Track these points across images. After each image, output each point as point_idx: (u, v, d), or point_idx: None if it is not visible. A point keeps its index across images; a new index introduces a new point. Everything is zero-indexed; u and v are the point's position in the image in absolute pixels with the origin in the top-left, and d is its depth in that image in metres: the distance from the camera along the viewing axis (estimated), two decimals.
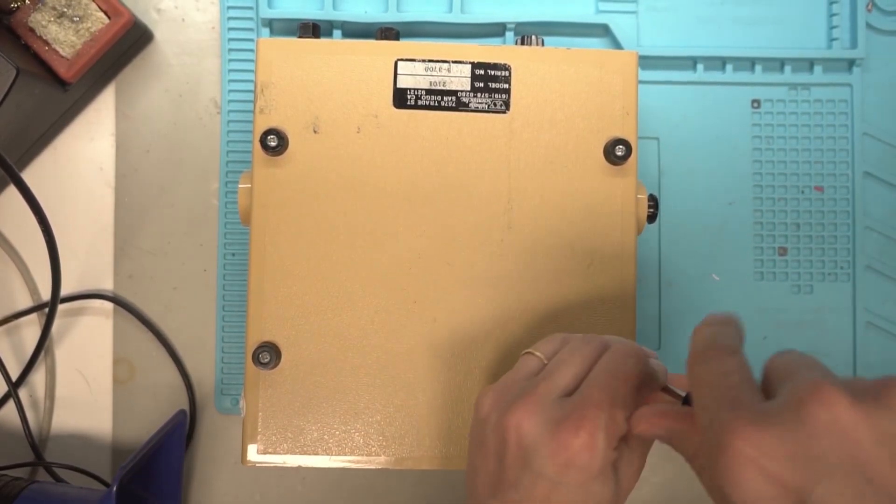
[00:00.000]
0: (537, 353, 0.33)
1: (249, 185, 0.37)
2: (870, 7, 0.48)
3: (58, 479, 0.47)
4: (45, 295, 0.48)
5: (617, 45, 0.48)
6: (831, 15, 0.48)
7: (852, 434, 0.21)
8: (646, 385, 0.31)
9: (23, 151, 0.47)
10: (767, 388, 0.26)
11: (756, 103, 0.48)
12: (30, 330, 0.49)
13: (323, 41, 0.38)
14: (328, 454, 0.37)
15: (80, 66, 0.43)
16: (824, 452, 0.21)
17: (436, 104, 0.37)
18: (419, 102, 0.37)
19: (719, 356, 0.26)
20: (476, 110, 0.37)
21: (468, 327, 0.37)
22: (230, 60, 0.47)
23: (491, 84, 0.37)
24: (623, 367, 0.30)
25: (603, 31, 0.48)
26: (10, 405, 0.47)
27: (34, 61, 0.43)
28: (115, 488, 0.38)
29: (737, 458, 0.22)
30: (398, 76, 0.37)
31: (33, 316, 0.48)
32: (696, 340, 0.28)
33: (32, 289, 0.48)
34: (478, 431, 0.32)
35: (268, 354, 0.35)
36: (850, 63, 0.48)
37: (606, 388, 0.29)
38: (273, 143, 0.36)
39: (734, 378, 0.25)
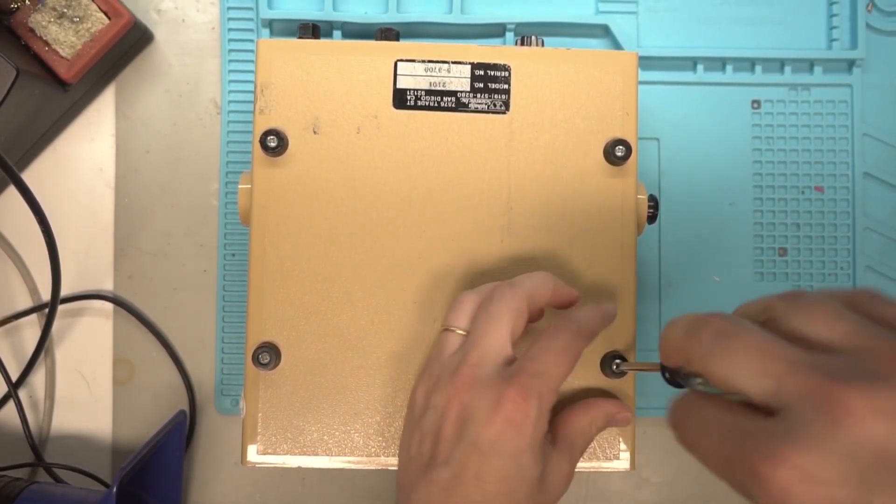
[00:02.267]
0: (453, 328, 0.33)
1: (249, 186, 0.37)
2: (870, 7, 0.48)
3: (58, 480, 0.47)
4: (45, 295, 0.48)
5: (617, 46, 0.48)
6: (831, 15, 0.48)
7: (888, 437, 0.19)
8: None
9: (23, 152, 0.47)
10: (685, 371, 0.25)
11: (756, 104, 0.48)
12: (30, 330, 0.49)
13: (323, 42, 0.38)
14: (328, 454, 0.37)
15: (80, 67, 0.43)
16: (869, 463, 0.19)
17: (435, 105, 0.37)
18: (419, 103, 0.37)
19: (694, 408, 0.25)
20: (476, 111, 0.37)
21: None
22: (230, 61, 0.47)
23: (491, 84, 0.37)
24: (562, 339, 0.31)
25: (603, 31, 0.48)
26: (10, 406, 0.47)
27: (34, 62, 0.43)
28: (114, 489, 0.38)
29: (783, 488, 0.20)
30: (398, 77, 0.37)
31: (33, 316, 0.48)
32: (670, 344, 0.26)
33: (32, 289, 0.48)
34: (413, 419, 0.33)
35: (268, 355, 0.35)
36: (850, 63, 0.48)
37: (548, 362, 0.30)
38: (273, 144, 0.36)
39: (730, 418, 0.23)
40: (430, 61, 0.37)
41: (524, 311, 0.32)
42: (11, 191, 0.48)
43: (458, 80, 0.37)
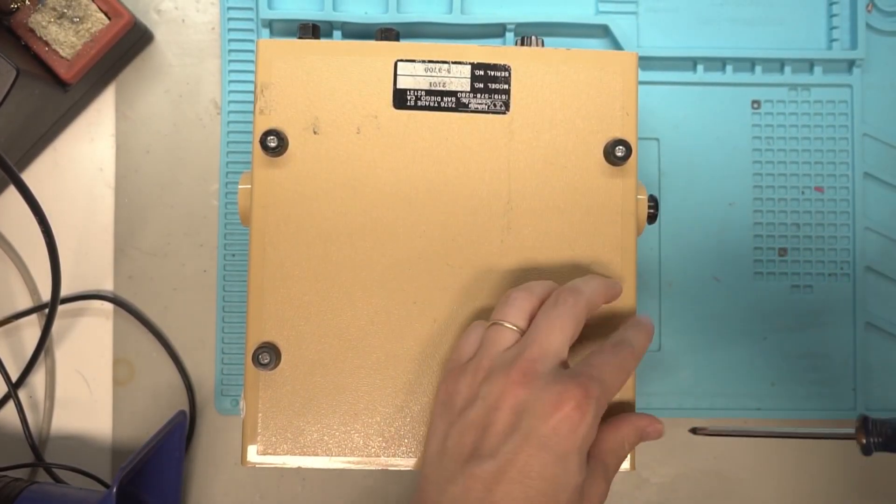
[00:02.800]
0: (507, 324, 0.32)
1: (249, 186, 0.37)
2: (870, 8, 0.48)
3: (57, 480, 0.47)
4: (45, 295, 0.48)
5: (617, 46, 0.48)
6: (831, 16, 0.48)
7: None
8: None
9: (23, 152, 0.47)
10: None
11: (756, 104, 0.48)
12: (30, 331, 0.49)
13: (323, 42, 0.38)
14: (328, 455, 0.37)
15: (80, 67, 0.43)
16: None
17: (435, 105, 0.37)
18: (419, 103, 0.37)
19: None
20: (476, 111, 0.37)
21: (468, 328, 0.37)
22: (230, 61, 0.47)
23: (491, 85, 0.37)
24: (618, 358, 0.31)
25: (603, 31, 0.48)
26: (10, 406, 0.47)
27: (34, 62, 0.43)
28: (114, 489, 0.38)
29: None
30: (398, 77, 0.37)
31: (33, 317, 0.48)
32: None
33: (32, 289, 0.48)
34: (448, 415, 0.32)
35: (268, 355, 0.35)
36: (850, 64, 0.48)
37: (608, 373, 0.30)
38: (273, 144, 0.36)
39: None
40: (430, 61, 0.37)
41: (583, 320, 0.32)
42: (11, 191, 0.48)
43: (459, 80, 0.37)
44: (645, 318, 0.34)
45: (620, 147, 0.36)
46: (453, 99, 0.37)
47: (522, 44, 0.38)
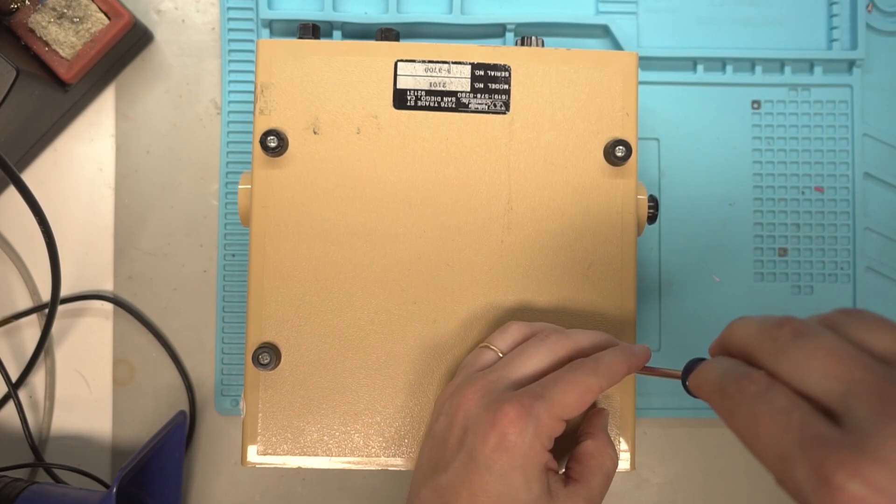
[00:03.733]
0: (493, 347, 0.34)
1: (249, 186, 0.37)
2: (870, 8, 0.48)
3: (57, 481, 0.47)
4: (45, 296, 0.48)
5: (617, 46, 0.48)
6: (831, 16, 0.48)
7: None
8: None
9: (23, 152, 0.47)
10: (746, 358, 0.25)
11: (756, 104, 0.48)
12: (30, 331, 0.49)
13: (323, 42, 0.38)
14: (328, 455, 0.37)
15: (80, 67, 0.43)
16: None
17: (436, 105, 0.37)
18: (419, 103, 0.37)
19: (762, 392, 0.23)
20: (476, 111, 0.37)
21: (468, 328, 0.37)
22: (230, 61, 0.47)
23: (491, 85, 0.37)
24: (579, 374, 0.30)
25: (603, 31, 0.48)
26: (10, 406, 0.47)
27: (34, 62, 0.43)
28: (114, 489, 0.38)
29: (854, 499, 0.19)
30: (398, 77, 0.37)
31: (33, 317, 0.48)
32: (712, 379, 0.26)
33: (32, 289, 0.48)
34: (431, 423, 0.33)
35: (268, 355, 0.35)
36: (850, 64, 0.48)
37: (555, 384, 0.30)
38: (273, 144, 0.36)
39: (799, 413, 0.22)
40: (430, 61, 0.37)
41: (562, 359, 0.32)
42: (11, 191, 0.48)
43: (459, 80, 0.37)
44: (635, 346, 0.33)
45: (620, 147, 0.36)
46: (453, 99, 0.37)
47: (522, 44, 0.39)
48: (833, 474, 0.20)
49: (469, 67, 0.37)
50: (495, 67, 0.37)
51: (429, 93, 0.37)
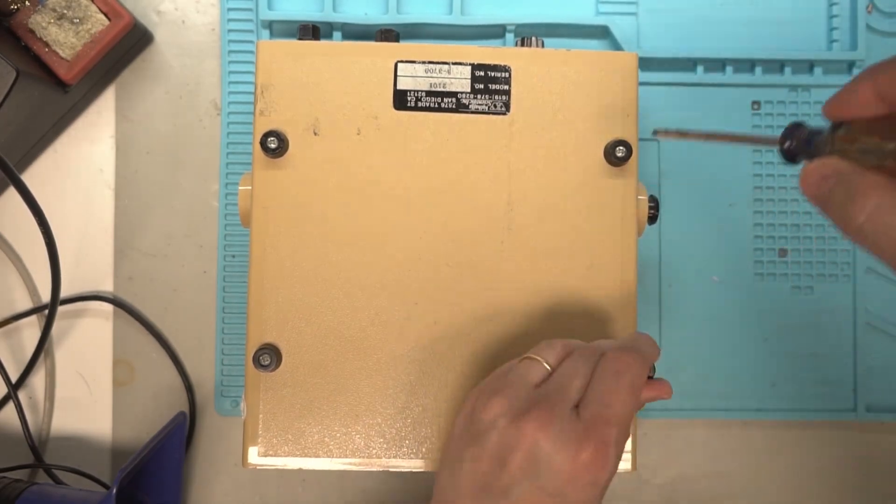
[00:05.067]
0: (541, 360, 0.32)
1: (249, 187, 0.37)
2: (870, 9, 0.48)
3: (57, 482, 0.47)
4: (45, 296, 0.48)
5: (617, 47, 0.48)
6: (831, 16, 0.48)
7: None
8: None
9: (23, 153, 0.47)
10: None
11: (756, 105, 0.48)
12: (29, 332, 0.49)
13: (323, 43, 0.38)
14: (329, 456, 0.37)
15: (80, 68, 0.43)
16: None
17: (436, 106, 0.37)
18: (419, 104, 0.37)
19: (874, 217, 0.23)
20: (476, 112, 0.37)
21: (469, 329, 0.37)
22: (230, 62, 0.47)
23: (491, 86, 0.37)
24: (635, 379, 0.31)
25: (603, 32, 0.48)
26: (10, 407, 0.47)
27: (34, 63, 0.43)
28: (114, 490, 0.38)
29: None
30: (398, 78, 0.37)
31: (33, 318, 0.48)
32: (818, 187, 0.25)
33: (32, 290, 0.48)
34: (475, 430, 0.31)
35: (268, 356, 0.35)
36: (850, 65, 0.48)
37: (618, 406, 0.30)
38: (273, 145, 0.36)
39: None
40: (430, 62, 0.37)
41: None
42: (11, 192, 0.48)
43: (459, 81, 0.37)
44: (640, 335, 0.33)
45: (621, 147, 0.36)
46: (453, 100, 0.37)
47: (522, 44, 0.39)
48: None
49: (469, 68, 0.37)
50: (495, 68, 0.37)
51: (429, 93, 0.37)
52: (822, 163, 0.25)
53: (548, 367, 0.32)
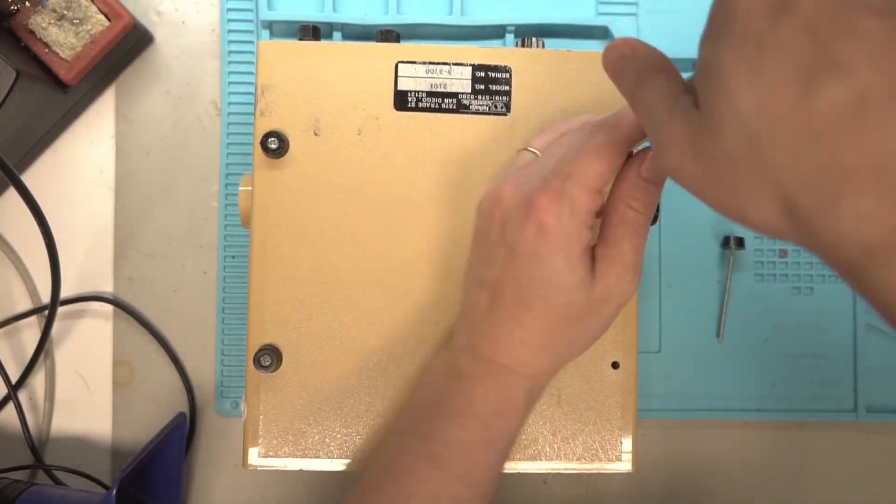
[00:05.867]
0: (531, 148, 0.33)
1: (250, 188, 0.37)
2: None
3: (57, 482, 0.47)
4: (45, 297, 0.48)
5: None
6: None
7: None
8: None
9: (23, 154, 0.47)
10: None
11: None
12: (29, 332, 0.49)
13: (323, 43, 0.38)
14: (329, 457, 0.36)
15: (80, 69, 0.43)
16: None
17: (436, 106, 0.37)
18: (420, 105, 0.37)
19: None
20: (477, 112, 0.37)
21: None
22: (230, 63, 0.47)
23: (491, 86, 0.37)
24: (601, 140, 0.29)
25: (603, 33, 0.48)
26: (10, 408, 0.47)
27: (34, 63, 0.43)
28: (114, 491, 0.38)
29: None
30: (399, 78, 0.37)
31: (33, 318, 0.48)
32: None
33: (32, 291, 0.48)
34: (477, 223, 0.33)
35: (269, 357, 0.35)
36: None
37: (581, 158, 0.29)
38: (274, 146, 0.36)
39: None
40: (430, 63, 0.37)
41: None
42: (11, 192, 0.48)
43: (459, 81, 0.37)
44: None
45: None
46: (454, 100, 0.37)
47: (523, 45, 0.39)
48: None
49: (470, 69, 0.37)
50: (496, 69, 0.37)
51: (429, 94, 0.37)
52: (625, 42, 0.27)
53: (536, 152, 0.33)
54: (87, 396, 0.48)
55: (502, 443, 0.32)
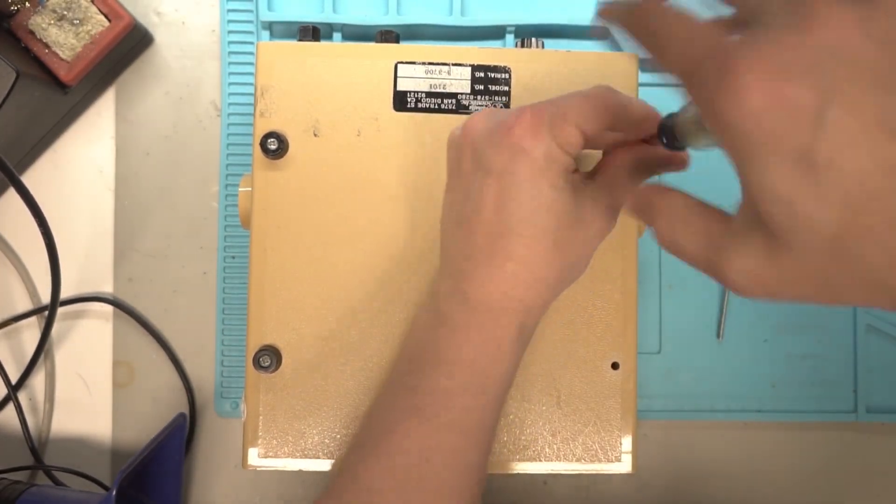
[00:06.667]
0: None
1: (250, 189, 0.37)
2: None
3: (57, 483, 0.47)
4: (45, 298, 0.48)
5: (617, 48, 0.48)
6: None
7: (859, 45, 0.18)
8: (617, 118, 0.30)
9: (23, 154, 0.47)
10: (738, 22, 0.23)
11: None
12: (29, 333, 0.49)
13: (323, 44, 0.38)
14: (329, 458, 0.36)
15: (80, 69, 0.43)
16: (833, 67, 0.18)
17: (436, 107, 0.37)
18: (419, 105, 0.37)
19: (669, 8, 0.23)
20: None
21: None
22: (230, 63, 0.47)
23: (491, 87, 0.37)
24: (592, 89, 0.29)
25: (603, 33, 0.48)
26: (10, 408, 0.47)
27: (34, 64, 0.43)
28: (114, 492, 0.38)
29: (740, 86, 0.18)
30: (398, 79, 0.37)
31: (33, 319, 0.48)
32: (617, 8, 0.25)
33: (32, 292, 0.48)
34: (447, 161, 0.33)
35: (268, 358, 0.35)
36: None
37: (564, 97, 0.29)
38: (273, 147, 0.36)
39: (701, 24, 0.22)
40: (430, 63, 0.37)
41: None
42: (11, 193, 0.48)
43: (459, 82, 0.37)
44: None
45: None
46: (454, 101, 0.37)
47: (522, 46, 0.39)
48: (735, 64, 0.19)
49: (469, 69, 0.37)
50: (495, 69, 0.37)
51: (429, 95, 0.37)
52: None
53: None
54: (87, 397, 0.48)
55: (497, 386, 0.31)
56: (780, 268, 0.20)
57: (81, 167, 0.49)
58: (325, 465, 0.36)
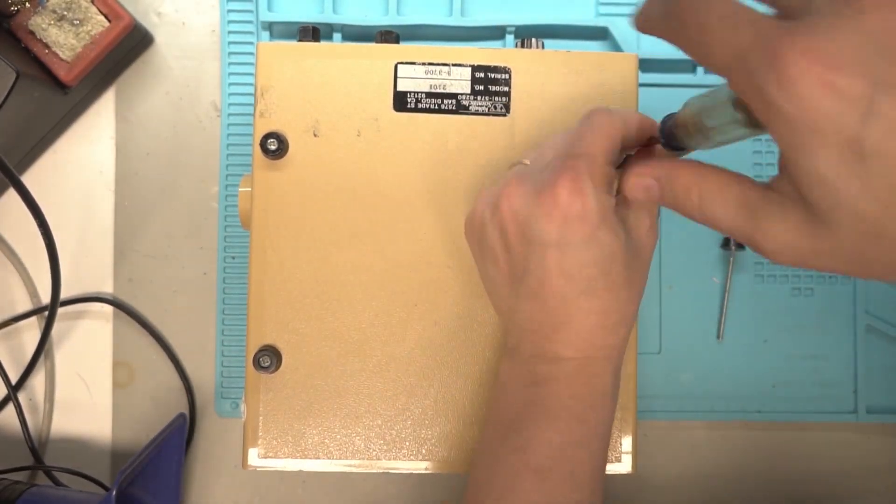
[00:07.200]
0: (524, 161, 0.32)
1: (249, 189, 0.37)
2: None
3: (57, 483, 0.47)
4: (45, 298, 0.48)
5: (617, 48, 0.48)
6: None
7: None
8: (634, 137, 0.31)
9: (23, 154, 0.47)
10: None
11: None
12: (29, 333, 0.49)
13: (323, 44, 0.38)
14: (329, 458, 0.36)
15: (80, 70, 0.43)
16: (883, 56, 0.18)
17: (436, 107, 0.37)
18: (419, 105, 0.37)
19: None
20: (476, 113, 0.37)
21: (469, 330, 0.37)
22: (230, 64, 0.47)
23: (491, 87, 0.37)
24: (595, 120, 0.30)
25: (603, 33, 0.48)
26: (10, 409, 0.47)
27: (34, 64, 0.43)
28: (114, 492, 0.38)
29: (791, 74, 0.19)
30: (398, 79, 0.37)
31: (33, 319, 0.48)
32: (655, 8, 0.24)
33: (32, 292, 0.48)
34: (478, 240, 0.32)
35: (268, 358, 0.35)
36: None
37: (581, 140, 0.29)
38: (273, 147, 0.36)
39: (744, 11, 0.21)
40: (430, 64, 0.37)
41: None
42: (11, 193, 0.48)
43: (459, 82, 0.37)
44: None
45: None
46: (454, 101, 0.37)
47: (523, 46, 0.39)
48: (774, 51, 0.19)
49: (469, 69, 0.37)
50: (496, 69, 0.37)
51: (429, 95, 0.37)
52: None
53: (526, 162, 0.32)
54: (87, 397, 0.48)
55: (600, 435, 0.31)
56: (817, 241, 0.21)
57: (81, 167, 0.49)
58: (325, 465, 0.37)
